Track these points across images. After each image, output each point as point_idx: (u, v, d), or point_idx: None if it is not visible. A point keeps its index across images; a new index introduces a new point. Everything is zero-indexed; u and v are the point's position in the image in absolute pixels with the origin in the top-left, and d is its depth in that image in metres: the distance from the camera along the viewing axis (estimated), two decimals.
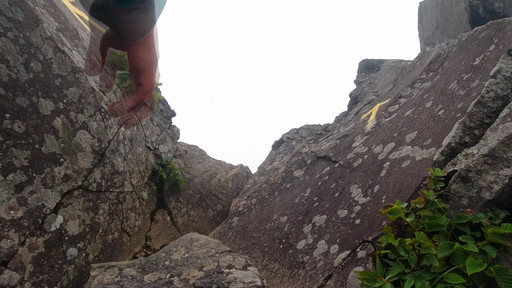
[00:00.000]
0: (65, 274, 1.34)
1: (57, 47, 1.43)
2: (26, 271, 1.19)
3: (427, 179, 1.26)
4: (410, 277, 1.01)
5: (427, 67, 2.28)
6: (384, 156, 1.65)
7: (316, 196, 1.83)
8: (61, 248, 1.35)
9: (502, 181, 1.08)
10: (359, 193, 1.57)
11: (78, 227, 1.44)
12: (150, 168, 2.18)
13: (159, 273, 1.17)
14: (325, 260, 1.38)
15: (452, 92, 1.63)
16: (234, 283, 1.09)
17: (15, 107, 1.26)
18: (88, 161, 1.52)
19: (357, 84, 3.98)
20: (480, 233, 1.07)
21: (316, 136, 2.99)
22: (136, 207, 1.95)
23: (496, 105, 1.34)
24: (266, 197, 2.17)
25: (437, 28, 4.32)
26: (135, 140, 2.00)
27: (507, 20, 1.65)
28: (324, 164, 2.07)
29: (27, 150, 1.27)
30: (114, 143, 1.71)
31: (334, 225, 1.51)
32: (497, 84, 1.37)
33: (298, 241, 1.60)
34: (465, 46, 1.93)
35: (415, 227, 1.12)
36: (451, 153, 1.32)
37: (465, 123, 1.34)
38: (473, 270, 0.90)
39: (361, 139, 2.04)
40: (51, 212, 1.32)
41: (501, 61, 1.43)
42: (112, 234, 1.68)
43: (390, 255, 1.13)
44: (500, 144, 1.12)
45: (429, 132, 1.51)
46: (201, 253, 1.27)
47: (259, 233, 1.88)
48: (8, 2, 1.31)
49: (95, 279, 1.18)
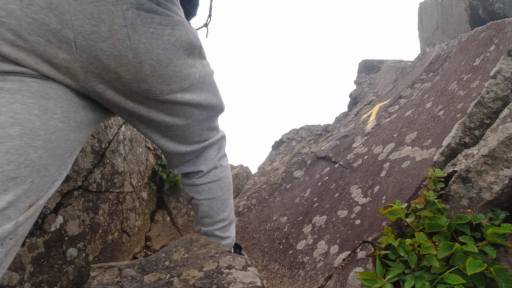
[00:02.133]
0: (65, 274, 1.34)
1: None
2: (26, 271, 1.19)
3: (427, 180, 1.26)
4: (410, 277, 1.01)
5: (427, 67, 2.28)
6: (384, 157, 1.65)
7: (316, 196, 1.83)
8: (61, 248, 1.35)
9: (502, 182, 1.08)
10: (359, 193, 1.56)
11: (78, 228, 1.44)
12: (150, 168, 2.18)
13: (159, 273, 1.17)
14: (325, 260, 1.38)
15: (452, 93, 1.64)
16: (234, 284, 1.09)
17: None
18: (88, 161, 1.52)
19: (357, 84, 3.98)
20: (480, 234, 1.07)
21: (316, 137, 2.99)
22: (136, 208, 1.95)
23: (496, 106, 1.34)
24: (266, 198, 2.17)
25: (437, 29, 4.33)
26: (135, 141, 2.00)
27: (507, 21, 1.65)
28: (324, 165, 2.07)
29: None
30: (114, 143, 1.71)
31: (334, 225, 1.51)
32: (497, 84, 1.37)
33: (298, 242, 1.60)
34: (465, 46, 1.93)
35: (415, 228, 1.12)
36: (451, 153, 1.32)
37: (465, 124, 1.34)
38: (473, 270, 0.90)
39: (361, 139, 2.04)
40: (51, 213, 1.32)
41: (501, 61, 1.43)
42: (112, 235, 1.68)
43: (390, 255, 1.13)
44: (500, 145, 1.12)
45: (429, 133, 1.51)
46: (201, 253, 1.27)
47: (259, 234, 1.88)
48: None
49: (95, 279, 1.18)
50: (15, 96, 0.69)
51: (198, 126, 1.12)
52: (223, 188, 1.30)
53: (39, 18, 0.70)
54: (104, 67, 0.80)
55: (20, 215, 0.70)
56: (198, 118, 1.09)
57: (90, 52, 0.77)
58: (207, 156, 1.24)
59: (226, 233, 1.36)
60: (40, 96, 0.73)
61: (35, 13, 0.70)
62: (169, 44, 0.85)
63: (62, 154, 0.80)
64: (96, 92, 0.85)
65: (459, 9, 3.70)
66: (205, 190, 1.28)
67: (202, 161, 1.24)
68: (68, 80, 0.79)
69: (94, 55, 0.78)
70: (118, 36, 0.77)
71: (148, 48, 0.82)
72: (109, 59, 0.79)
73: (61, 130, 0.77)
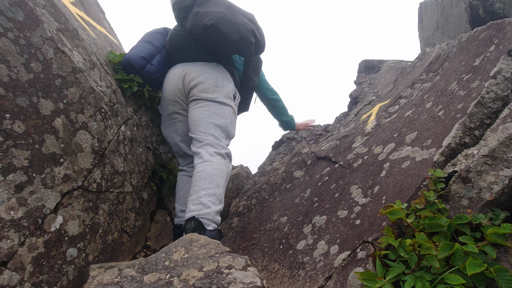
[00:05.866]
0: (65, 274, 1.34)
1: (57, 48, 1.44)
2: (26, 271, 1.19)
3: (427, 180, 1.26)
4: (410, 277, 1.01)
5: (427, 67, 2.28)
6: (384, 157, 1.65)
7: (316, 196, 1.83)
8: (61, 248, 1.35)
9: (502, 182, 1.08)
10: (359, 193, 1.56)
11: (78, 228, 1.44)
12: (150, 168, 2.18)
13: (158, 273, 1.17)
14: (325, 260, 1.38)
15: (452, 93, 1.64)
16: (234, 284, 1.09)
17: (15, 107, 1.26)
18: (88, 161, 1.52)
19: (357, 84, 3.98)
20: (480, 234, 1.07)
21: (316, 137, 2.99)
22: (136, 208, 1.95)
23: (496, 106, 1.34)
24: (266, 198, 2.17)
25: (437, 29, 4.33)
26: (135, 141, 2.00)
27: (507, 21, 1.65)
28: (324, 165, 2.07)
29: (27, 150, 1.27)
30: (114, 143, 1.71)
31: (334, 225, 1.51)
32: (497, 84, 1.37)
33: (298, 242, 1.60)
34: (465, 46, 1.93)
35: (415, 228, 1.12)
36: (451, 153, 1.32)
37: (465, 124, 1.34)
38: (473, 270, 0.90)
39: (361, 139, 2.04)
40: (51, 213, 1.32)
41: (501, 61, 1.43)
42: (112, 235, 1.68)
43: (390, 255, 1.13)
44: (500, 145, 1.12)
45: (429, 133, 1.51)
46: (201, 253, 1.27)
47: (259, 234, 1.88)
48: (9, 2, 1.31)
49: (95, 279, 1.18)
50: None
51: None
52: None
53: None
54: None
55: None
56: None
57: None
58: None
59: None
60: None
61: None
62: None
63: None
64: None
65: (459, 9, 3.71)
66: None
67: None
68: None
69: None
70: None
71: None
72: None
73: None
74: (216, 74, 1.98)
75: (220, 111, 1.90)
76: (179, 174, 2.18)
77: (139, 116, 2.13)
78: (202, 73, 1.95)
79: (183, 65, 2.04)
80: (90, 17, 2.39)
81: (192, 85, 1.94)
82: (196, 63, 2.01)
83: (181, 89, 2.00)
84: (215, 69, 2.00)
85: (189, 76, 1.96)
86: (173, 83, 2.02)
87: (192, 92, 1.94)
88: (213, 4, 1.87)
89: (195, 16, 1.86)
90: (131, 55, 2.01)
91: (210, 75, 1.95)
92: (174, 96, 2.03)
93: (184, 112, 2.06)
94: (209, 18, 1.80)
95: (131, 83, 2.03)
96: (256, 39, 1.96)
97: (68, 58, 1.47)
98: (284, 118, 2.70)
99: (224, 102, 1.93)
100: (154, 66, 2.07)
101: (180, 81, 1.99)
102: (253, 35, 1.92)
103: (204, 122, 1.86)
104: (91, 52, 1.76)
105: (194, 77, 1.94)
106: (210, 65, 2.01)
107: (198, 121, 1.87)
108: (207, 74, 1.95)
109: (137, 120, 2.08)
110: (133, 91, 2.04)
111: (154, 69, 2.07)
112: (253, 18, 2.00)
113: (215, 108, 1.89)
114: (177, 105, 2.05)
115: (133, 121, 2.00)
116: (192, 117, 1.91)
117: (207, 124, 1.86)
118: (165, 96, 2.08)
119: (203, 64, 2.00)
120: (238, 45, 1.89)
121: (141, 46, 2.10)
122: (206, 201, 1.63)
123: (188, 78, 1.96)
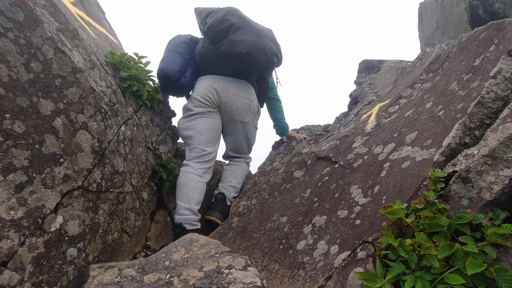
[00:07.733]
0: (65, 274, 1.34)
1: (57, 48, 1.44)
2: (26, 271, 1.19)
3: (427, 180, 1.26)
4: (410, 277, 1.01)
5: (427, 67, 2.28)
6: (384, 157, 1.65)
7: (316, 196, 1.83)
8: (61, 248, 1.35)
9: (502, 182, 1.08)
10: (359, 193, 1.56)
11: (78, 227, 1.44)
12: (150, 168, 2.18)
13: (159, 273, 1.17)
14: (325, 260, 1.38)
15: (452, 93, 1.64)
16: (234, 284, 1.09)
17: (15, 107, 1.26)
18: (88, 161, 1.52)
19: (357, 84, 3.98)
20: (480, 234, 1.07)
21: (316, 137, 2.99)
22: (136, 208, 1.95)
23: (496, 106, 1.34)
24: (266, 198, 2.17)
25: (437, 29, 4.32)
26: (135, 141, 2.00)
27: (507, 21, 1.65)
28: (324, 165, 2.07)
29: (27, 150, 1.27)
30: (114, 143, 1.71)
31: (334, 225, 1.51)
32: (497, 84, 1.37)
33: (298, 242, 1.60)
34: (465, 46, 1.93)
35: (415, 228, 1.12)
36: (451, 153, 1.31)
37: (465, 124, 1.34)
38: (473, 270, 0.90)
39: (361, 139, 2.04)
40: (51, 212, 1.32)
41: (501, 61, 1.43)
42: (112, 235, 1.68)
43: (390, 255, 1.12)
44: (500, 145, 1.12)
45: (429, 133, 1.51)
46: (201, 253, 1.27)
47: (259, 234, 1.88)
48: (9, 2, 1.31)
49: (95, 279, 1.18)
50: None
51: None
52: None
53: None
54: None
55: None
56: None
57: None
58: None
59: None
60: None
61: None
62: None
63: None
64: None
65: (459, 9, 3.70)
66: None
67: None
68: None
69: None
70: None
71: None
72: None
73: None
74: (246, 96, 2.41)
75: (250, 133, 2.57)
76: (183, 170, 2.23)
77: (139, 116, 2.13)
78: (237, 99, 2.37)
79: (216, 78, 2.37)
80: (90, 17, 2.39)
81: (229, 109, 2.38)
82: (227, 79, 2.38)
83: (216, 99, 2.35)
84: (245, 89, 2.42)
85: (225, 96, 2.35)
86: (208, 92, 2.33)
87: (229, 113, 2.40)
88: (245, 32, 2.18)
89: (231, 43, 2.16)
90: (169, 69, 2.23)
91: (244, 100, 2.40)
92: (207, 101, 2.33)
93: (209, 114, 2.37)
94: (243, 46, 2.12)
95: (131, 83, 2.04)
96: (278, 59, 2.36)
97: (68, 58, 1.47)
98: (279, 117, 2.99)
99: (254, 125, 2.58)
100: (188, 79, 2.34)
101: (215, 93, 2.34)
102: (276, 56, 2.31)
103: (239, 139, 2.57)
104: (91, 52, 1.76)
105: (230, 103, 2.37)
106: (241, 87, 2.41)
107: (237, 138, 2.56)
108: (242, 100, 2.39)
109: (137, 120, 2.08)
110: (132, 90, 2.05)
111: (188, 82, 2.34)
112: (274, 37, 2.36)
113: (246, 131, 2.53)
114: (207, 107, 2.36)
115: (133, 121, 2.00)
116: (233, 134, 2.53)
117: (242, 141, 2.58)
118: (198, 100, 2.33)
119: (234, 83, 2.39)
120: (265, 67, 2.30)
121: (175, 58, 2.33)
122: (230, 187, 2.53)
123: (224, 98, 2.35)
